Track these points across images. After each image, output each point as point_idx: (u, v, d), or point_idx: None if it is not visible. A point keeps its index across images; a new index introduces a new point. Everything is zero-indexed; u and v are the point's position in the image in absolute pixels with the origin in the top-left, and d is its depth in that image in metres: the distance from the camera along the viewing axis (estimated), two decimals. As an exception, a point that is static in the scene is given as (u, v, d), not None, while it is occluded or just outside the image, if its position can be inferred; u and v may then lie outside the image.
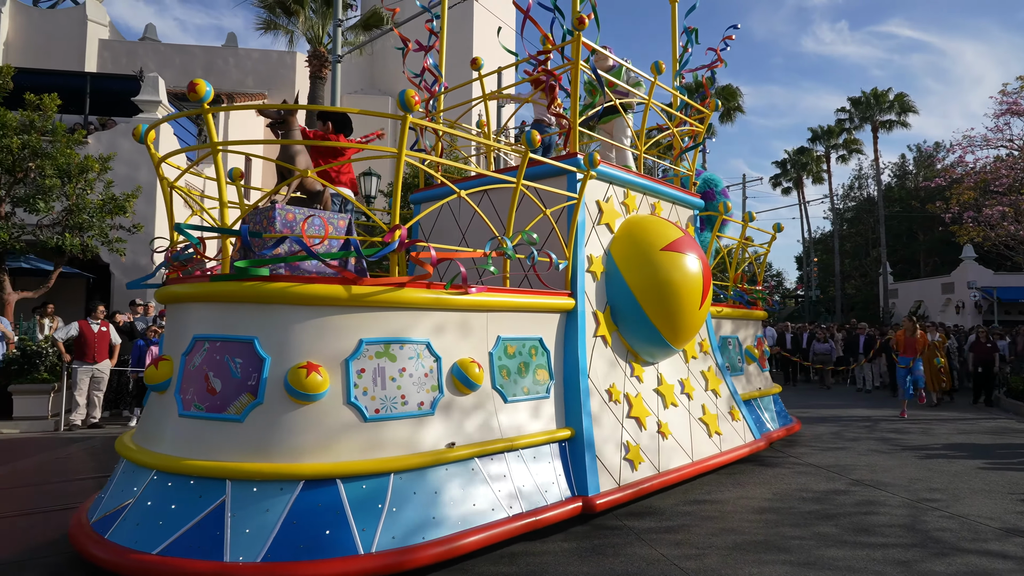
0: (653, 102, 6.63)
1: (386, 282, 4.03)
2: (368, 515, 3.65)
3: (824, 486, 6.12)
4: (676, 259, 5.85)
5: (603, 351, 5.60)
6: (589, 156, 5.28)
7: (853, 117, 32.52)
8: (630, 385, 5.77)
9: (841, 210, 37.18)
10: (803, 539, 4.57)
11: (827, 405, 12.92)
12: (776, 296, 39.57)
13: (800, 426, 8.85)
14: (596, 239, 5.82)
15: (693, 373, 6.75)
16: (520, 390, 4.82)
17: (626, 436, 5.40)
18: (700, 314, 6.05)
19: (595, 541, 4.51)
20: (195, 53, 20.23)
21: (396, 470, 3.84)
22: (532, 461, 4.67)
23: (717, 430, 6.58)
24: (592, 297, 5.63)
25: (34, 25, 17.55)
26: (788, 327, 17.15)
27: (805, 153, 35.28)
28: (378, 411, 3.91)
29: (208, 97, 3.81)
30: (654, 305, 5.73)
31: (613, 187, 6.12)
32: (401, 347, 4.09)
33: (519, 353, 4.90)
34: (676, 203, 7.06)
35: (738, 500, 5.61)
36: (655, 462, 5.57)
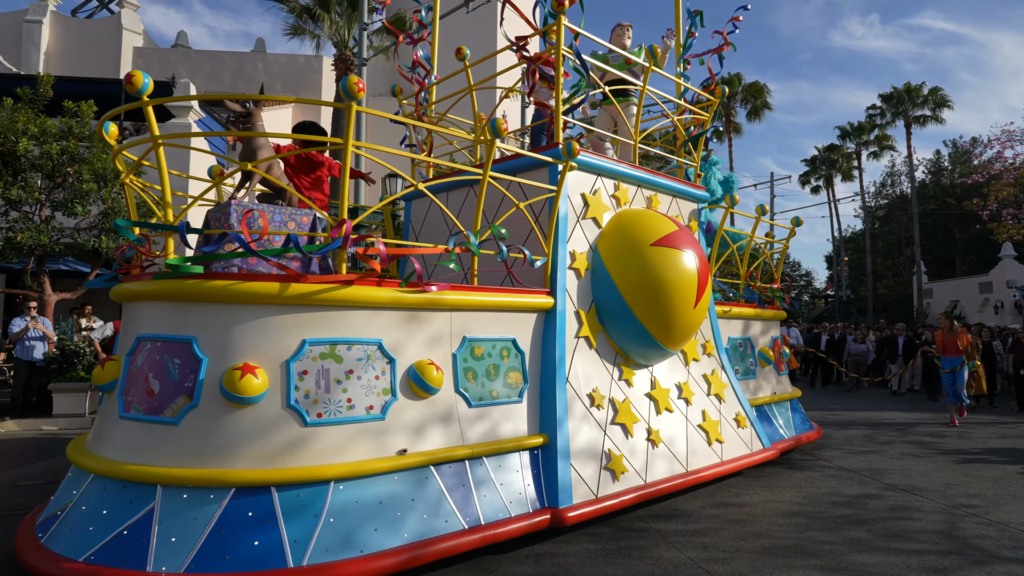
0: (650, 90, 6.25)
1: (331, 279, 3.83)
2: (302, 526, 3.45)
3: (856, 490, 5.96)
4: (667, 255, 5.47)
5: (586, 353, 5.27)
6: (567, 146, 4.96)
7: (885, 113, 31.60)
8: (617, 389, 5.42)
9: (873, 208, 36.18)
10: (834, 544, 4.45)
11: (859, 407, 12.42)
12: (804, 296, 38.16)
13: (820, 433, 8.28)
14: (581, 234, 5.50)
15: (694, 377, 6.34)
16: (488, 394, 4.54)
17: (608, 444, 5.06)
18: (696, 314, 5.64)
19: (620, 543, 4.45)
20: (225, 59, 20.67)
21: (337, 478, 3.63)
22: (498, 470, 4.39)
23: (718, 438, 6.14)
24: (575, 296, 5.30)
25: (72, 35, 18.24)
26: (825, 328, 16.30)
27: (835, 150, 34.38)
28: (320, 415, 3.70)
29: (147, 89, 3.68)
30: (642, 304, 5.37)
31: (602, 179, 5.78)
32: (349, 348, 3.88)
33: (488, 355, 4.63)
34: (677, 196, 6.65)
35: (767, 503, 5.49)
36: (642, 472, 5.21)
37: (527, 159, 5.43)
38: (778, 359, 8.17)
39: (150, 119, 3.79)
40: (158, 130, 3.81)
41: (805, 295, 38.75)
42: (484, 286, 4.73)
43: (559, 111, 5.43)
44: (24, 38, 17.47)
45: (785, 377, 8.30)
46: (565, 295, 5.18)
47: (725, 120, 32.40)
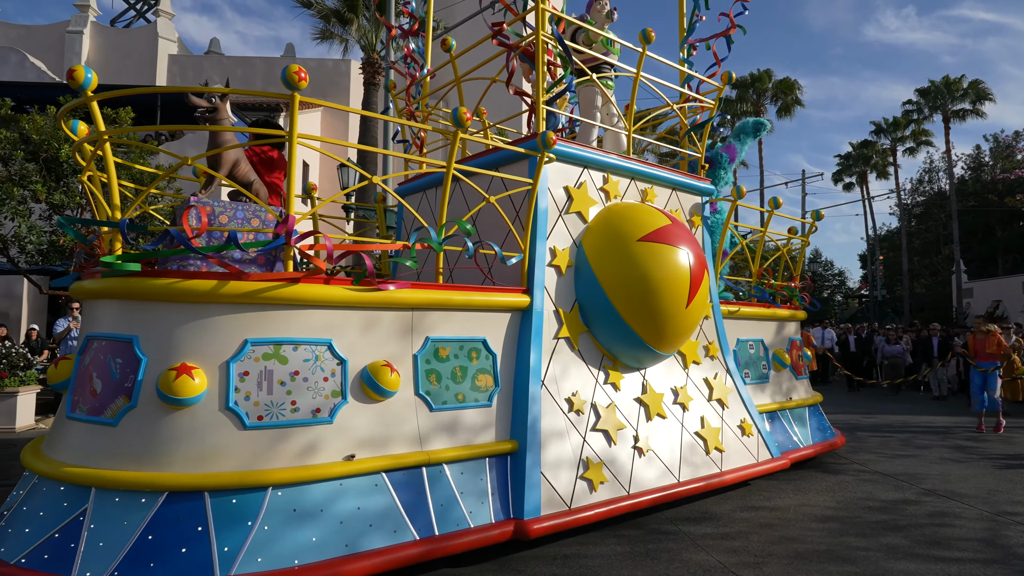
0: (643, 76, 5.91)
1: (275, 277, 3.68)
2: (234, 533, 3.30)
3: (892, 495, 5.81)
4: (656, 251, 5.13)
5: (566, 355, 4.99)
6: (542, 136, 4.70)
7: (922, 108, 30.44)
8: (602, 394, 5.11)
9: (909, 205, 34.76)
10: (869, 550, 4.32)
11: (894, 411, 11.87)
12: (838, 296, 36.56)
13: (843, 442, 7.72)
14: (563, 229, 5.21)
15: (694, 380, 5.96)
16: (453, 397, 4.32)
17: (587, 452, 4.76)
18: (689, 314, 5.28)
19: (648, 545, 4.42)
20: (256, 64, 21.10)
21: (276, 484, 3.47)
22: (460, 478, 4.16)
23: (718, 446, 5.75)
24: (554, 294, 5.03)
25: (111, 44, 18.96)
26: (851, 328, 15.43)
27: (869, 147, 33.26)
28: (261, 418, 3.56)
29: (89, 84, 3.61)
30: (628, 303, 5.05)
31: (589, 171, 5.48)
32: (295, 348, 3.72)
33: (455, 356, 4.41)
34: (677, 189, 6.28)
35: (799, 507, 5.37)
36: (625, 482, 4.89)
37: (506, 152, 5.19)
38: (796, 362, 7.66)
39: (95, 115, 3.73)
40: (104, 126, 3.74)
41: (838, 295, 37.26)
42: (450, 284, 4.51)
43: (539, 100, 5.17)
44: (66, 48, 18.29)
45: (804, 381, 7.78)
46: (543, 294, 4.91)
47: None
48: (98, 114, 3.73)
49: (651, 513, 5.10)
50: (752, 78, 31.17)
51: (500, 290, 4.72)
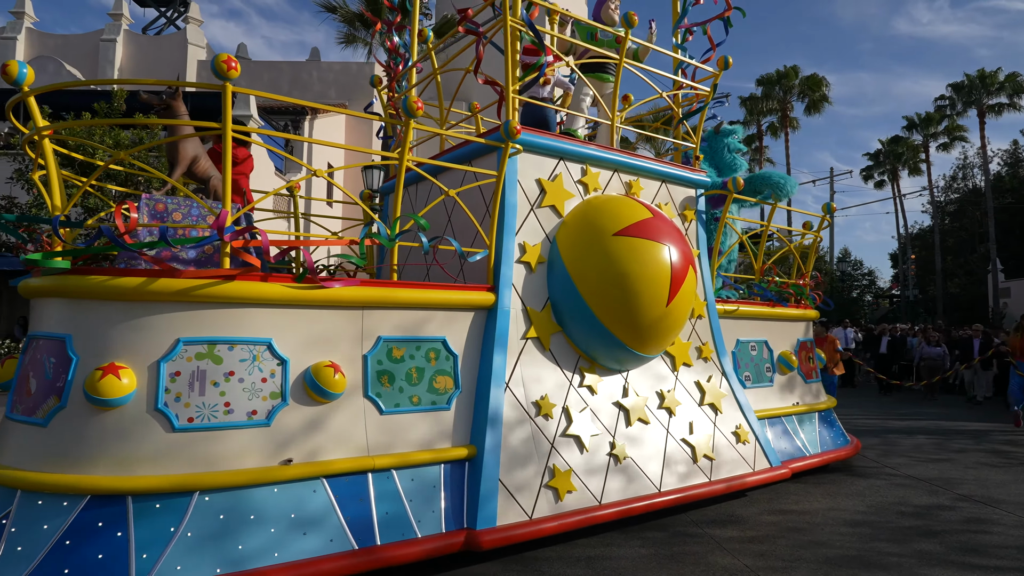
0: (628, 62, 5.60)
1: (209, 274, 3.56)
2: (154, 540, 3.18)
3: (925, 500, 5.67)
4: (633, 246, 4.83)
5: (536, 356, 4.74)
6: (505, 125, 4.46)
7: (956, 102, 29.65)
8: (575, 397, 4.84)
9: (942, 203, 33.56)
10: (902, 556, 4.22)
11: (928, 414, 11.34)
12: (868, 296, 35.07)
13: (858, 449, 7.21)
14: (535, 224, 4.96)
15: (683, 384, 5.61)
16: (407, 400, 4.13)
17: (555, 459, 4.50)
18: (670, 313, 4.95)
19: (674, 548, 4.37)
20: (282, 68, 21.45)
21: (204, 488, 3.35)
22: (410, 484, 3.96)
23: (708, 454, 5.39)
24: (524, 292, 4.78)
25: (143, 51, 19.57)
26: (885, 329, 14.58)
27: (900, 143, 32.29)
28: (192, 420, 3.44)
29: (24, 80, 3.56)
30: (602, 301, 4.76)
31: (565, 163, 5.21)
32: (231, 348, 3.59)
33: (411, 356, 4.22)
34: (668, 181, 5.93)
35: (828, 512, 5.26)
36: (596, 491, 4.61)
37: (476, 144, 4.99)
38: (805, 364, 7.19)
39: (33, 111, 3.68)
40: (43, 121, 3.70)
41: (868, 295, 36.08)
42: (406, 281, 4.32)
43: (509, 88, 4.94)
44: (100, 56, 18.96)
45: (815, 385, 7.30)
46: (510, 291, 4.67)
47: (781, 115, 31.10)
48: (36, 109, 3.68)
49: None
50: (778, 75, 30.56)
51: (462, 288, 4.51)
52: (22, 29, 18.77)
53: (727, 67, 6.17)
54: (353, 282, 4.01)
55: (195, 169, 4.74)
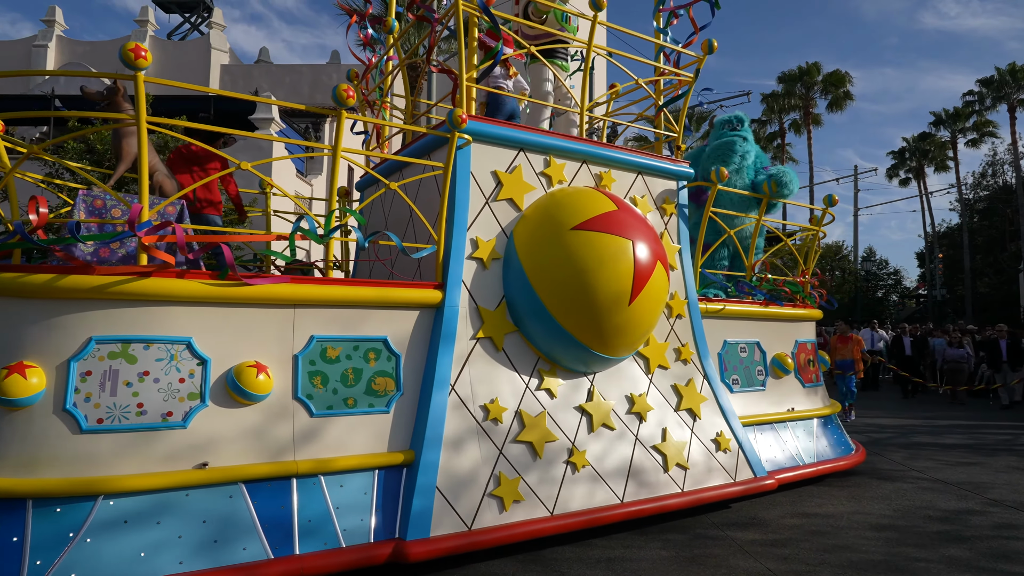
0: (599, 47, 5.31)
1: (123, 271, 3.45)
2: (50, 546, 3.08)
3: (954, 504, 5.52)
4: (592, 240, 4.55)
5: (487, 357, 4.50)
6: (449, 115, 4.25)
7: (985, 97, 29.01)
8: (531, 401, 4.58)
9: (971, 200, 32.35)
10: (930, 562, 4.12)
11: (956, 416, 10.90)
12: (893, 296, 33.65)
13: (861, 459, 6.72)
14: (491, 219, 4.73)
15: (658, 387, 5.29)
16: (341, 402, 3.96)
17: (502, 466, 4.25)
18: (634, 312, 4.65)
19: (695, 551, 4.31)
20: (303, 72, 21.68)
21: (109, 492, 3.23)
22: (338, 491, 3.78)
23: (681, 463, 5.06)
24: (475, 290, 4.55)
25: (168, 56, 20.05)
26: (906, 329, 13.75)
27: (927, 139, 31.61)
28: (101, 421, 3.33)
29: None
30: (558, 300, 4.50)
31: (526, 154, 4.95)
32: (146, 347, 3.47)
33: (348, 357, 4.04)
34: (644, 173, 5.61)
35: (853, 515, 5.17)
36: (549, 501, 4.34)
37: (432, 137, 4.79)
38: (803, 367, 6.75)
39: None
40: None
41: (894, 295, 35.07)
42: (343, 279, 4.15)
43: (463, 76, 4.72)
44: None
45: (815, 389, 6.85)
46: (459, 289, 4.45)
47: (803, 112, 30.57)
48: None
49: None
50: (800, 71, 30.07)
51: (406, 285, 4.31)
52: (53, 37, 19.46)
53: (712, 51, 5.81)
54: (282, 279, 3.85)
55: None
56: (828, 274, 21.73)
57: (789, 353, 6.61)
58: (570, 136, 5.21)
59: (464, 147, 4.58)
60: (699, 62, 5.91)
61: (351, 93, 3.92)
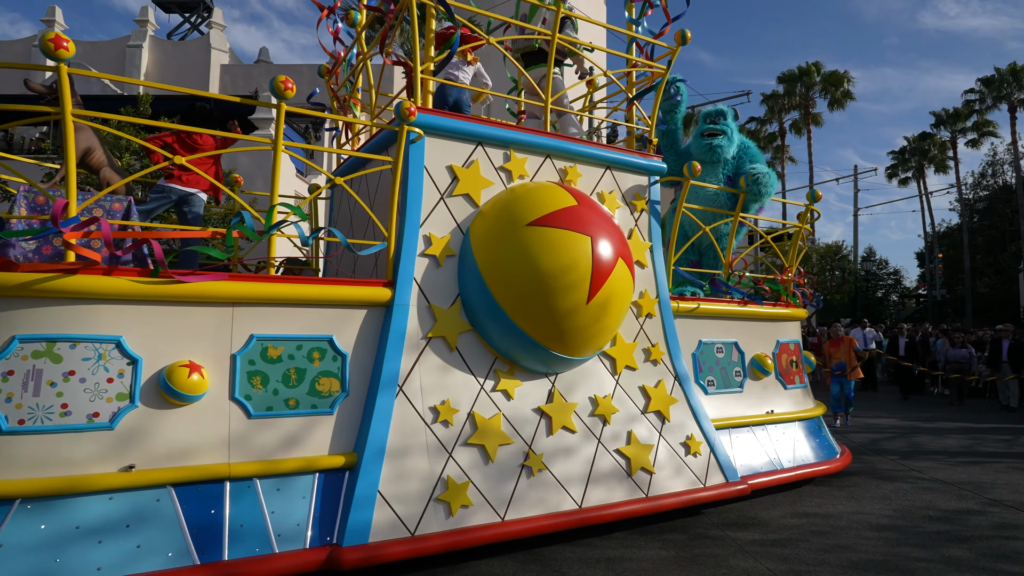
0: (564, 37, 5.16)
1: (47, 268, 3.35)
2: (-40, 550, 2.99)
3: (954, 504, 5.53)
4: (548, 236, 4.40)
5: (439, 357, 4.37)
6: (397, 107, 4.12)
7: (985, 97, 29.19)
8: (486, 402, 4.44)
9: (971, 201, 32.45)
10: (930, 562, 4.13)
11: (956, 417, 10.79)
12: (893, 296, 33.37)
13: (846, 464, 6.50)
14: (446, 215, 4.59)
15: (625, 389, 5.13)
16: (282, 403, 3.84)
17: (451, 470, 4.12)
18: (591, 311, 4.49)
19: (695, 551, 4.31)
20: (302, 71, 21.66)
21: (27, 496, 3.14)
22: (274, 494, 3.67)
23: (646, 466, 4.90)
24: (428, 288, 4.42)
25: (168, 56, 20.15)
26: (903, 329, 13.41)
27: (927, 139, 31.63)
28: (22, 422, 3.24)
29: None
30: (513, 298, 4.36)
31: (485, 148, 4.81)
32: (72, 346, 3.38)
33: (290, 357, 3.93)
34: (613, 167, 5.45)
35: (853, 515, 5.18)
36: (500, 506, 4.20)
37: (387, 132, 4.67)
38: (785, 369, 6.55)
39: None
40: None
41: (893, 295, 35.03)
42: (285, 276, 4.04)
43: (417, 68, 4.59)
44: (127, 62, 19.63)
45: (798, 392, 6.64)
46: (411, 287, 4.32)
47: (803, 112, 30.59)
48: None
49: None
50: (800, 71, 30.15)
51: (353, 283, 4.19)
52: (52, 38, 19.63)
53: (685, 42, 5.63)
54: (219, 276, 3.75)
55: (89, 160, 4.60)
56: (828, 274, 21.38)
57: (770, 354, 6.41)
58: (531, 129, 5.06)
59: (417, 141, 4.46)
60: (672, 53, 5.73)
61: (289, 85, 3.81)
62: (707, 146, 6.86)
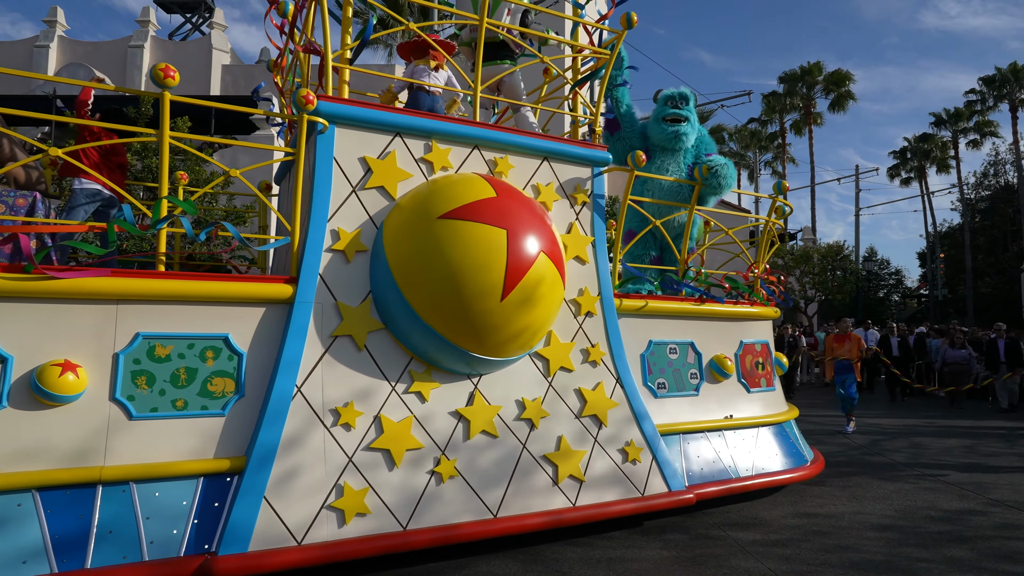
0: (492, 22, 4.91)
1: (-93, 262, 3.24)
2: None
3: (955, 505, 5.53)
4: (457, 230, 4.17)
5: (345, 357, 4.16)
6: (293, 96, 3.93)
7: (986, 97, 29.34)
8: (397, 405, 4.23)
9: (972, 200, 32.23)
10: (931, 562, 4.15)
11: (956, 417, 10.66)
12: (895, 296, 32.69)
13: (816, 472, 6.14)
14: (357, 208, 4.39)
15: (559, 391, 4.86)
16: (169, 404, 3.68)
17: (349, 475, 3.91)
18: (506, 309, 4.24)
19: (696, 551, 4.33)
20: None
21: None
22: (152, 499, 3.50)
23: (576, 474, 4.64)
24: (335, 284, 4.22)
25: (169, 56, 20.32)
26: (894, 329, 12.82)
27: (928, 139, 31.67)
28: None
29: None
30: (422, 295, 4.14)
31: (403, 138, 4.59)
32: (-65, 344, 3.26)
33: (181, 356, 3.76)
34: (552, 158, 5.18)
35: (854, 515, 5.20)
36: (403, 515, 3.98)
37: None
38: (749, 371, 6.20)
39: None
40: None
41: (895, 295, 34.56)
42: (178, 272, 3.88)
43: (328, 57, 4.39)
44: (128, 62, 19.87)
45: (766, 395, 6.29)
46: (315, 283, 4.13)
47: (804, 112, 30.39)
48: None
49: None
50: (802, 71, 30.01)
51: (252, 279, 4.01)
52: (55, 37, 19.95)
53: (631, 25, 5.33)
54: (100, 272, 3.60)
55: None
56: (829, 274, 20.76)
57: (731, 355, 6.08)
58: (456, 119, 4.83)
59: (324, 131, 4.26)
60: (618, 37, 5.44)
61: (170, 73, 3.65)
62: (672, 133, 6.55)
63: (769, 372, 6.51)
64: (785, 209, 6.79)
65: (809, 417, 10.79)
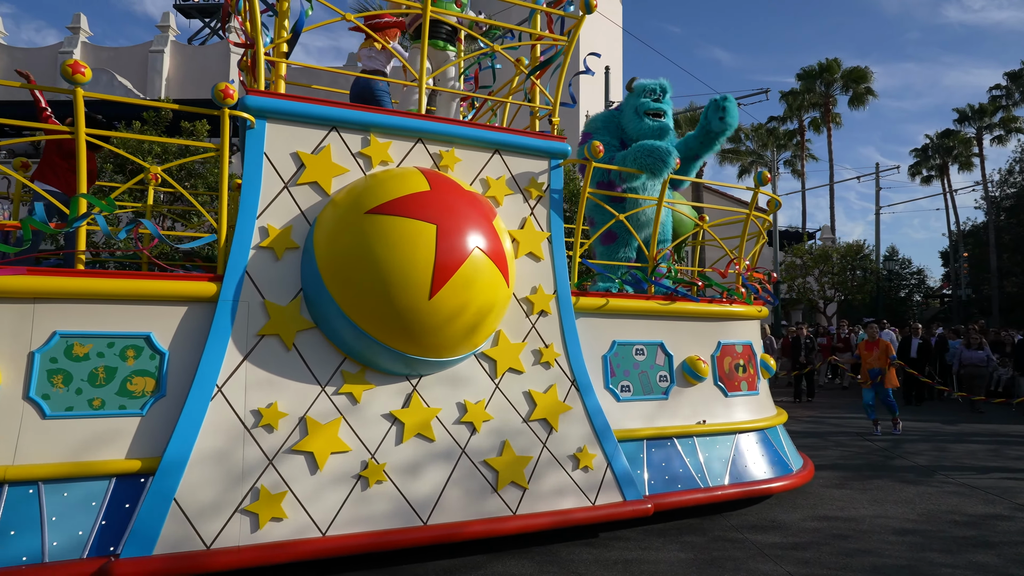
0: (439, 10, 4.75)
1: None
2: None
3: (981, 509, 5.40)
4: (383, 226, 4.01)
5: (272, 357, 4.05)
6: (212, 89, 3.85)
7: (1012, 92, 28.03)
8: (325, 406, 4.10)
9: (997, 198, 30.48)
10: (956, 568, 4.05)
11: (981, 420, 10.22)
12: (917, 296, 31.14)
13: (803, 482, 5.79)
14: (289, 204, 4.28)
15: (506, 393, 4.67)
16: (85, 403, 3.64)
17: (268, 478, 3.80)
18: (435, 307, 4.06)
19: (713, 553, 4.28)
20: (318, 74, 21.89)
21: None
22: (60, 500, 3.46)
23: (519, 481, 4.44)
24: (263, 282, 4.11)
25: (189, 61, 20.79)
26: (918, 331, 12.06)
27: (951, 136, 30.37)
28: None
29: None
30: (347, 293, 4.01)
31: (340, 132, 4.46)
32: None
33: (100, 355, 3.72)
34: (504, 151, 4.99)
35: (875, 519, 5.11)
36: (323, 520, 3.85)
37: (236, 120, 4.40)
38: (728, 374, 5.88)
39: None
40: None
41: (917, 294, 33.19)
42: (96, 270, 3.83)
43: (260, 50, 4.30)
44: (149, 67, 20.40)
45: (746, 399, 5.95)
46: (240, 281, 4.03)
47: (823, 110, 29.52)
48: None
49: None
50: (820, 67, 29.24)
51: (174, 277, 3.94)
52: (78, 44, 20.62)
53: (590, 11, 5.09)
54: (16, 271, 3.57)
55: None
56: (849, 273, 19.88)
57: (706, 357, 5.77)
58: (397, 111, 4.68)
59: (253, 127, 4.17)
60: (576, 25, 5.21)
61: (80, 69, 3.59)
62: (657, 128, 6.29)
63: (752, 375, 6.17)
64: (774, 203, 6.44)
65: (827, 419, 10.37)
